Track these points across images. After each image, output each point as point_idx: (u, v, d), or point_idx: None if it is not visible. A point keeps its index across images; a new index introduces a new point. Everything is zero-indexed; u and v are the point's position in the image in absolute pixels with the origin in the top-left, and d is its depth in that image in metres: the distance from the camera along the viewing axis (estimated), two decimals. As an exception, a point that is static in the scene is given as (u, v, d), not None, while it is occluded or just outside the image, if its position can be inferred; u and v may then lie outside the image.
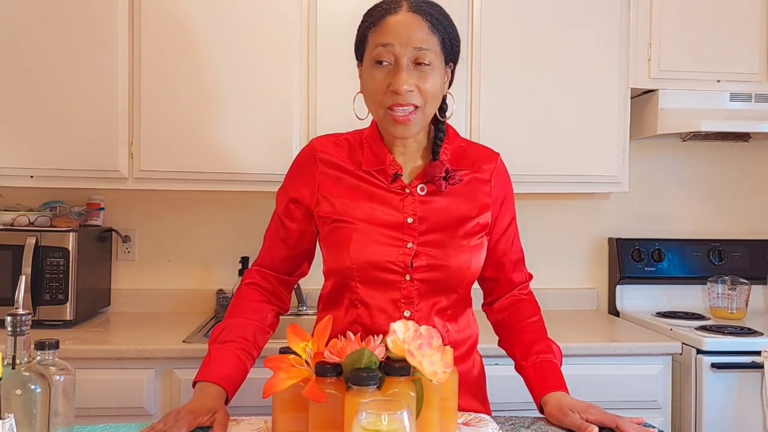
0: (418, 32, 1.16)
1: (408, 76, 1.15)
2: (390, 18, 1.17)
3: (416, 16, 1.17)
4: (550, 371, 1.26)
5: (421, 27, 1.17)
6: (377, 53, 1.17)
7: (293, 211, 1.31)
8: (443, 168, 1.23)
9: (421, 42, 1.16)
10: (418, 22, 1.17)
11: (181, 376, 1.81)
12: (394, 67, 1.16)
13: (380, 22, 1.18)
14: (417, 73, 1.16)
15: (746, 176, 2.62)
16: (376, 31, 1.18)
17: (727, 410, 1.91)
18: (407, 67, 1.16)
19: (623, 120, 2.23)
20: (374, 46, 1.18)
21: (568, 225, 2.55)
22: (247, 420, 1.14)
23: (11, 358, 0.91)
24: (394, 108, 1.16)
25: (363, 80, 1.23)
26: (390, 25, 1.17)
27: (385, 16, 1.18)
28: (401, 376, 0.94)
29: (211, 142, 2.09)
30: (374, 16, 1.20)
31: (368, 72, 1.20)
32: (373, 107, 1.21)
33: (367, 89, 1.21)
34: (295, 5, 2.11)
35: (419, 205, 1.23)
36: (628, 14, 2.22)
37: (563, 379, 1.25)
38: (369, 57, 1.19)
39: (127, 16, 2.08)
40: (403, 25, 1.16)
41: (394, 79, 1.15)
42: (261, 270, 1.35)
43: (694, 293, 2.49)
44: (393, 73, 1.16)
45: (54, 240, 2.02)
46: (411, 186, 1.24)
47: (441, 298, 1.24)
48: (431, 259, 1.21)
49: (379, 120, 1.22)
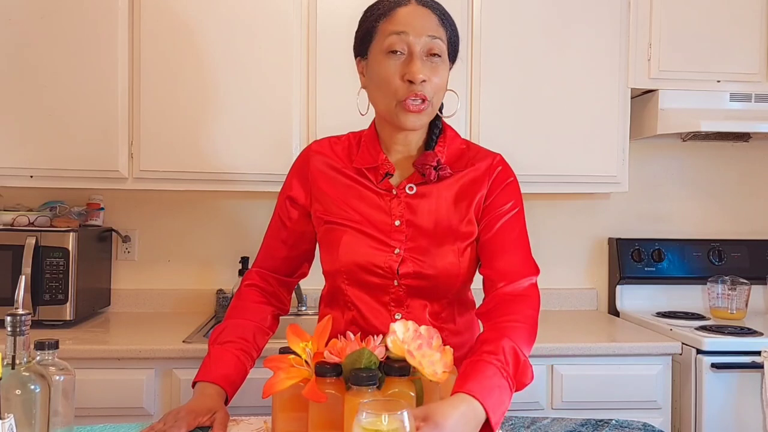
0: (430, 22, 1.17)
1: (423, 66, 1.15)
2: (401, 9, 1.18)
3: (426, 9, 1.18)
4: (472, 371, 1.04)
5: (432, 18, 1.18)
6: (390, 42, 1.16)
7: (291, 211, 1.31)
8: (435, 158, 1.21)
9: (434, 31, 1.16)
10: (428, 14, 1.18)
11: (181, 376, 1.81)
12: (408, 56, 1.16)
13: (391, 13, 1.18)
14: (429, 64, 1.16)
15: (746, 176, 2.62)
16: (387, 21, 1.18)
17: (727, 410, 1.91)
18: (421, 57, 1.16)
19: (623, 120, 2.23)
20: (386, 36, 1.17)
21: (568, 225, 2.55)
22: (247, 420, 1.14)
23: (11, 358, 0.91)
24: (408, 99, 1.15)
25: (372, 71, 1.20)
26: (402, 15, 1.17)
27: (395, 7, 1.18)
28: (401, 376, 0.94)
29: (211, 142, 2.09)
30: (382, 8, 1.19)
31: (379, 62, 1.18)
32: (384, 99, 1.19)
33: (378, 79, 1.18)
34: (295, 5, 2.11)
35: (405, 207, 1.22)
36: (628, 14, 2.22)
37: (483, 382, 1.01)
38: (379, 47, 1.18)
39: (127, 16, 2.08)
40: (416, 15, 1.17)
41: (409, 68, 1.14)
42: (261, 271, 1.35)
43: (694, 293, 2.49)
44: (407, 63, 1.15)
45: (54, 240, 2.01)
46: (400, 187, 1.23)
47: (432, 303, 1.23)
48: (417, 266, 1.20)
49: (389, 112, 1.19)
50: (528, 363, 1.09)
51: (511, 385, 1.05)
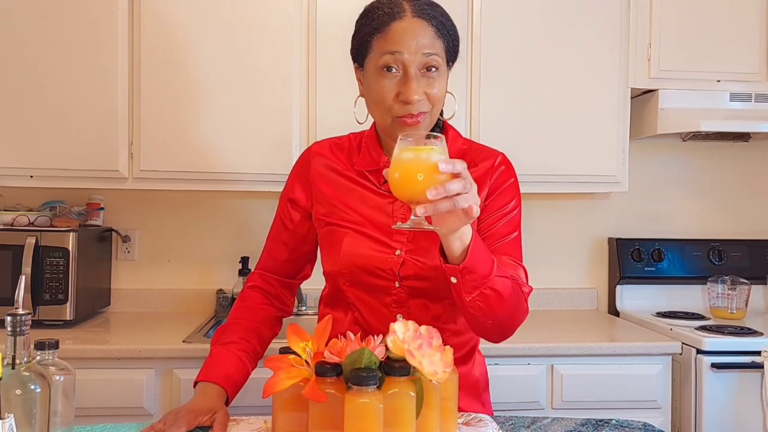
0: (425, 38, 1.14)
1: (417, 86, 1.13)
2: (395, 24, 1.14)
3: (421, 21, 1.15)
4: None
5: (428, 32, 1.15)
6: (384, 61, 1.14)
7: (293, 213, 1.31)
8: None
9: (428, 47, 1.14)
10: (424, 27, 1.14)
11: (181, 376, 1.81)
12: (403, 76, 1.14)
13: (385, 29, 1.15)
14: (425, 80, 1.15)
15: (746, 176, 2.62)
16: (380, 38, 1.15)
17: (727, 410, 1.91)
18: (416, 76, 1.14)
19: (623, 120, 2.23)
20: (380, 54, 1.15)
21: (568, 225, 2.55)
22: (247, 420, 1.14)
23: (11, 358, 0.91)
24: (404, 117, 1.15)
25: (368, 86, 1.20)
26: (396, 32, 1.14)
27: (389, 22, 1.14)
28: (401, 376, 0.94)
29: (211, 142, 2.09)
30: (376, 21, 1.16)
31: (374, 79, 1.17)
32: (380, 115, 1.19)
33: (374, 96, 1.18)
34: (295, 5, 2.11)
35: (407, 208, 1.22)
36: (628, 14, 2.22)
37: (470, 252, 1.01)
38: (374, 64, 1.16)
39: (126, 16, 2.08)
40: (410, 32, 1.14)
41: (404, 89, 1.13)
42: (263, 273, 1.35)
43: (694, 293, 2.49)
44: (402, 83, 1.14)
45: (54, 240, 2.01)
46: None
47: (433, 303, 1.23)
48: (418, 269, 1.19)
49: (386, 126, 1.19)
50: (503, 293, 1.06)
51: (495, 268, 1.04)
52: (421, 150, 0.94)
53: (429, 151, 0.93)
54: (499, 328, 1.13)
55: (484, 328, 1.12)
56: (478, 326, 1.13)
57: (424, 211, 0.92)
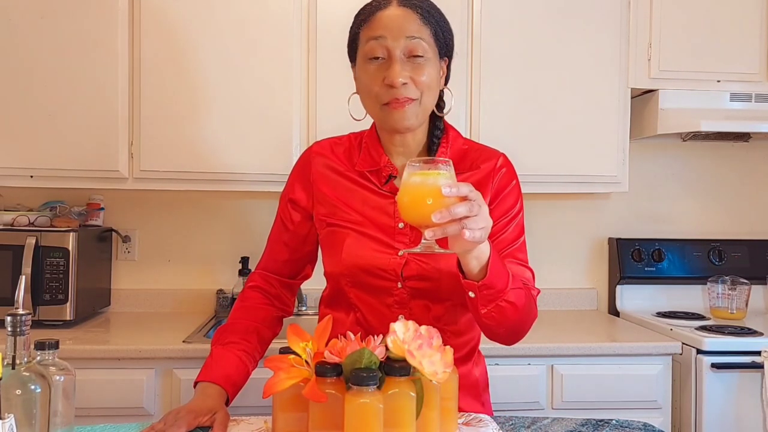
0: (410, 23, 1.15)
1: (402, 69, 1.14)
2: (380, 13, 1.17)
3: (406, 9, 1.17)
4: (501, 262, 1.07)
5: (413, 18, 1.16)
6: (369, 48, 1.16)
7: (293, 214, 1.31)
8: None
9: (413, 31, 1.15)
10: (409, 14, 1.16)
11: (181, 376, 1.81)
12: (388, 60, 1.15)
13: (370, 18, 1.17)
14: (411, 65, 1.15)
15: (746, 176, 2.62)
16: (367, 27, 1.18)
17: (727, 410, 1.91)
18: (401, 60, 1.14)
19: (623, 120, 2.23)
20: (366, 41, 1.17)
21: (568, 225, 2.55)
22: (247, 420, 1.14)
23: (11, 358, 0.91)
24: (390, 102, 1.15)
25: (357, 78, 1.22)
26: (380, 19, 1.16)
27: (375, 12, 1.17)
28: (401, 376, 0.94)
29: (210, 141, 2.09)
30: (364, 14, 1.19)
31: (362, 68, 1.19)
32: (369, 104, 1.20)
33: (362, 85, 1.20)
34: (295, 7, 2.11)
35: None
36: (628, 14, 2.22)
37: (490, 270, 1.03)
38: (362, 54, 1.19)
39: (127, 16, 2.08)
40: (394, 18, 1.16)
41: (388, 72, 1.14)
42: (264, 273, 1.35)
43: (694, 293, 2.49)
44: (386, 67, 1.15)
45: (54, 240, 2.01)
46: None
47: (435, 304, 1.23)
48: (422, 269, 1.19)
49: (376, 116, 1.21)
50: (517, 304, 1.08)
51: (512, 280, 1.06)
52: (428, 175, 0.96)
53: (436, 175, 0.95)
54: (511, 333, 1.15)
55: (496, 334, 1.15)
56: (490, 333, 1.15)
57: (433, 235, 0.94)
